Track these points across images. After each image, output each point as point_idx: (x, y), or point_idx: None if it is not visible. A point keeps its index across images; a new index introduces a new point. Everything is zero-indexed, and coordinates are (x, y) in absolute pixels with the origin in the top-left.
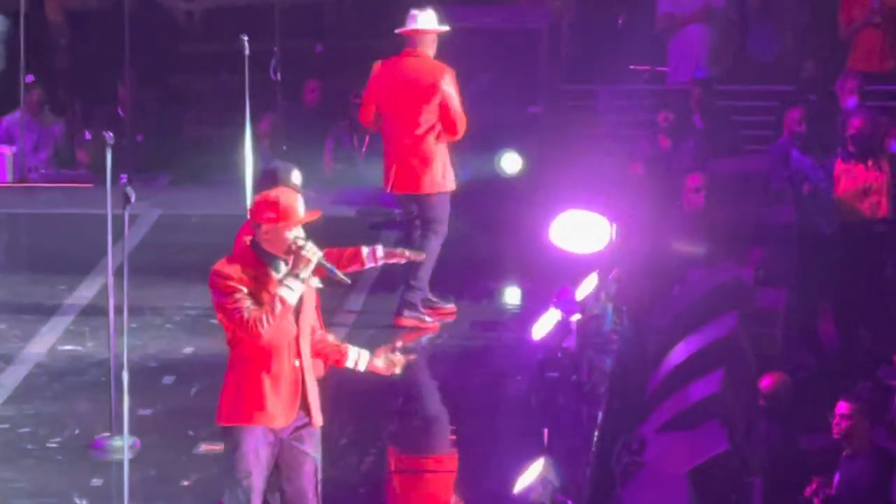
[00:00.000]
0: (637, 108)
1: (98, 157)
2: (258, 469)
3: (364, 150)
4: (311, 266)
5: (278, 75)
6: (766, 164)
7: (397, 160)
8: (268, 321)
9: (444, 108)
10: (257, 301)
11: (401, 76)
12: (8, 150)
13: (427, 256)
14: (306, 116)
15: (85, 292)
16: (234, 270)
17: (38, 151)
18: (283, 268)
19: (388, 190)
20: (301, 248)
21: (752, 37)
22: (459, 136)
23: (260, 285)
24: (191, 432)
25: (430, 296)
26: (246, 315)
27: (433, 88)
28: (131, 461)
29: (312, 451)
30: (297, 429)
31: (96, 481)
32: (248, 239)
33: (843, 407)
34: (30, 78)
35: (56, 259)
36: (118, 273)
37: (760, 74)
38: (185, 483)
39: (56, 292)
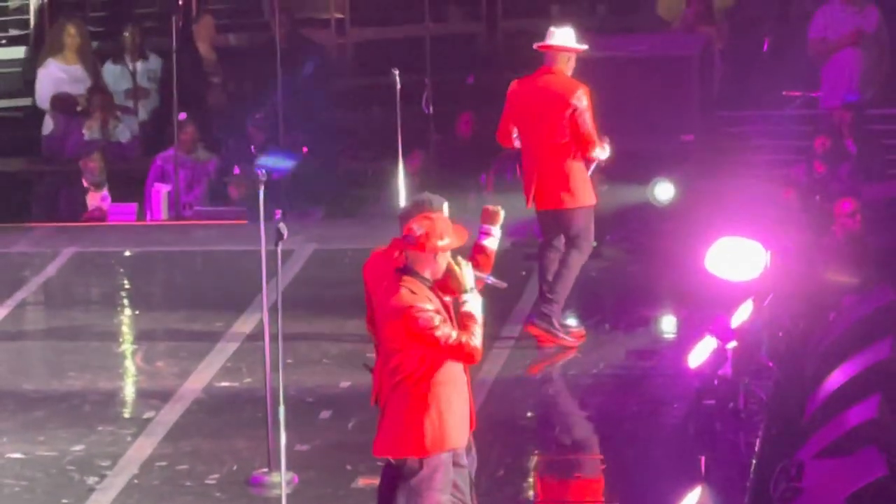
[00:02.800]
0: (790, 134)
1: (249, 193)
2: (448, 495)
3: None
4: (472, 274)
5: (430, 108)
6: None
7: (536, 177)
8: (479, 338)
9: (573, 124)
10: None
11: (535, 93)
12: (163, 188)
13: (568, 272)
14: (459, 149)
15: (241, 328)
16: (422, 300)
17: (192, 188)
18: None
19: (529, 206)
20: (457, 264)
21: None
22: (591, 152)
23: (438, 309)
24: (349, 467)
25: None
26: (460, 338)
27: (565, 104)
28: (289, 497)
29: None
30: None
31: None
32: (397, 270)
33: None
34: (182, 115)
35: (212, 296)
36: (273, 309)
37: None
38: None
39: (212, 329)
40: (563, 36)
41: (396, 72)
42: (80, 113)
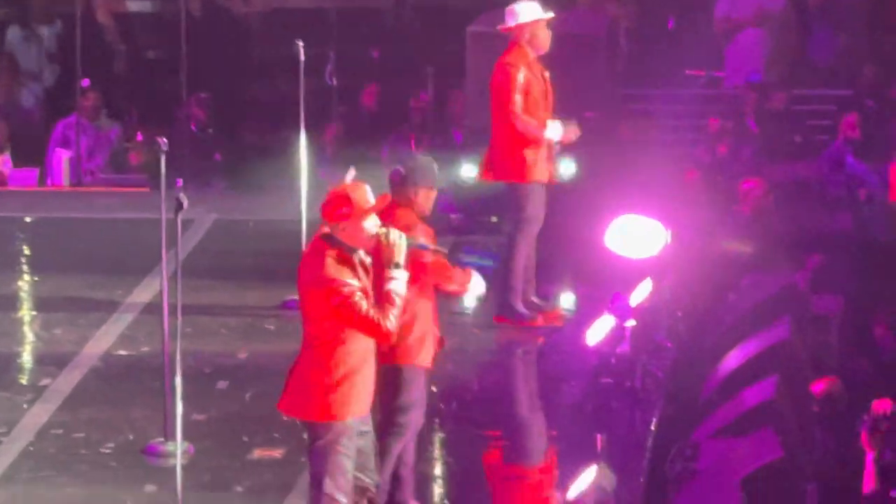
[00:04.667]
0: (693, 114)
1: (149, 161)
2: (351, 461)
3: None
4: (404, 249)
5: (334, 81)
6: (822, 169)
7: (487, 150)
8: (396, 319)
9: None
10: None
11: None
12: (64, 154)
13: (510, 255)
14: (363, 122)
15: (139, 297)
16: (338, 270)
17: (93, 156)
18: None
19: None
20: (386, 235)
21: (810, 41)
22: (518, 128)
23: (361, 282)
24: (245, 438)
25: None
26: (375, 318)
27: (493, 81)
28: (185, 467)
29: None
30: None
31: (150, 487)
32: (323, 237)
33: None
34: (85, 82)
35: (111, 263)
36: (172, 278)
37: (818, 79)
38: (239, 489)
39: (111, 297)
40: (524, 12)
41: (301, 44)
42: None
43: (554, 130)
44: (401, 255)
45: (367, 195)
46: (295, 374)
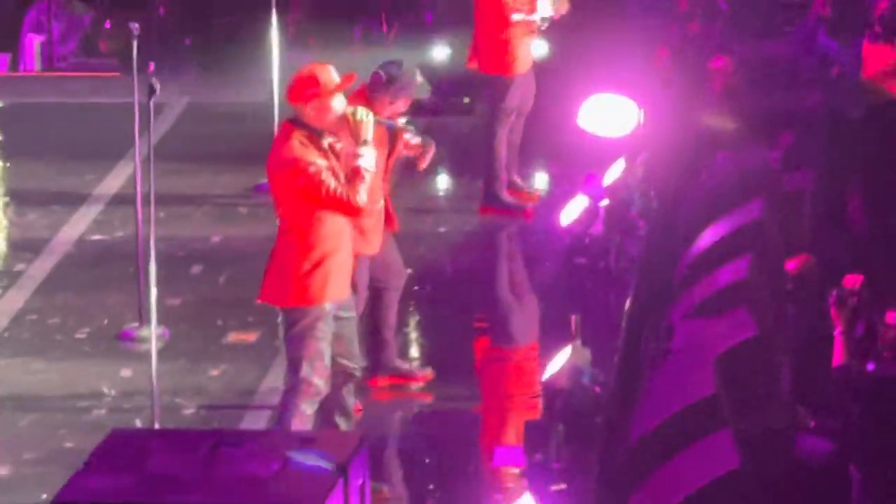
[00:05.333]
0: None
1: (119, 48)
2: (328, 345)
3: (393, 35)
4: (371, 126)
5: None
6: (794, 47)
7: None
8: (366, 194)
9: None
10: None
11: None
12: (36, 39)
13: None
14: (334, 2)
15: (112, 182)
16: (306, 149)
17: (66, 40)
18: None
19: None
20: (353, 113)
21: None
22: (513, 22)
23: (329, 161)
24: (219, 322)
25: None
26: (344, 194)
27: None
28: (160, 351)
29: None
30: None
31: (125, 372)
32: (290, 121)
33: (893, 317)
34: None
35: (84, 149)
36: (145, 162)
37: None
38: (215, 372)
39: (84, 182)
40: None
41: None
42: None
43: (545, 7)
44: (368, 132)
45: (333, 75)
46: (271, 263)
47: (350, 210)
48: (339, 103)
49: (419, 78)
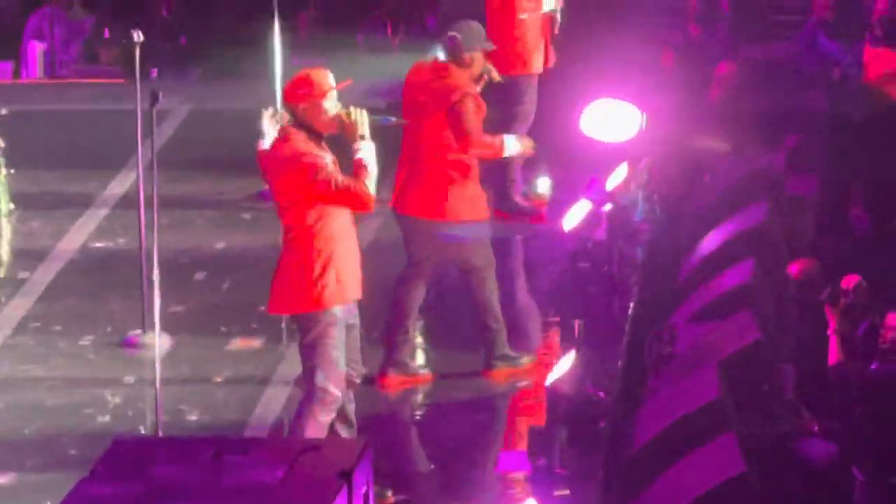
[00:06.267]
0: None
1: (120, 57)
2: (342, 352)
3: (397, 41)
4: (367, 122)
5: None
6: (796, 49)
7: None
8: (371, 187)
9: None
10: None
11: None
12: (39, 46)
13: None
14: (338, 8)
15: (116, 189)
16: (309, 146)
17: (68, 47)
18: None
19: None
20: (347, 113)
21: None
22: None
23: (331, 157)
24: (223, 328)
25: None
26: (353, 185)
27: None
28: (163, 358)
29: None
30: None
31: (128, 378)
32: (289, 124)
33: (894, 319)
34: None
35: (87, 156)
36: (148, 169)
37: None
38: (218, 379)
39: (87, 189)
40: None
41: None
42: None
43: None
44: (364, 128)
45: (327, 77)
46: (278, 272)
47: (359, 201)
48: (331, 104)
49: (483, 30)
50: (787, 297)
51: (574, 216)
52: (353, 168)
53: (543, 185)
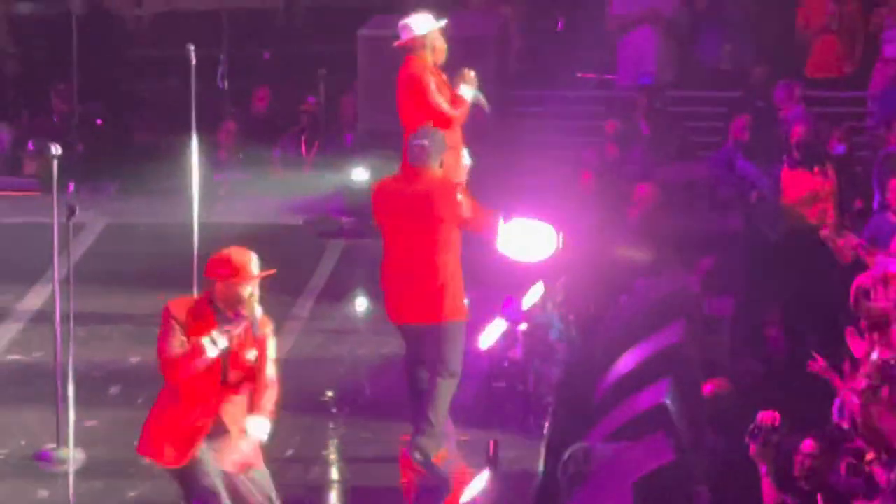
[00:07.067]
0: (585, 115)
1: (44, 168)
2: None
3: (313, 157)
4: (240, 328)
5: (225, 83)
6: (713, 171)
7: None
8: (179, 365)
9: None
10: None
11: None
12: None
13: None
14: (255, 124)
15: (32, 302)
16: (181, 311)
17: None
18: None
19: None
20: (244, 307)
21: (699, 42)
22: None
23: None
24: (137, 443)
25: None
26: (168, 352)
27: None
28: (77, 473)
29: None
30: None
31: (42, 493)
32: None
33: (808, 445)
34: None
35: (2, 268)
36: (64, 283)
37: (708, 80)
38: (132, 494)
39: (2, 301)
40: (418, 24)
41: (192, 47)
42: None
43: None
44: (238, 329)
45: (252, 263)
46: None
47: (162, 365)
48: (247, 291)
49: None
50: (702, 418)
51: (490, 335)
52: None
53: None
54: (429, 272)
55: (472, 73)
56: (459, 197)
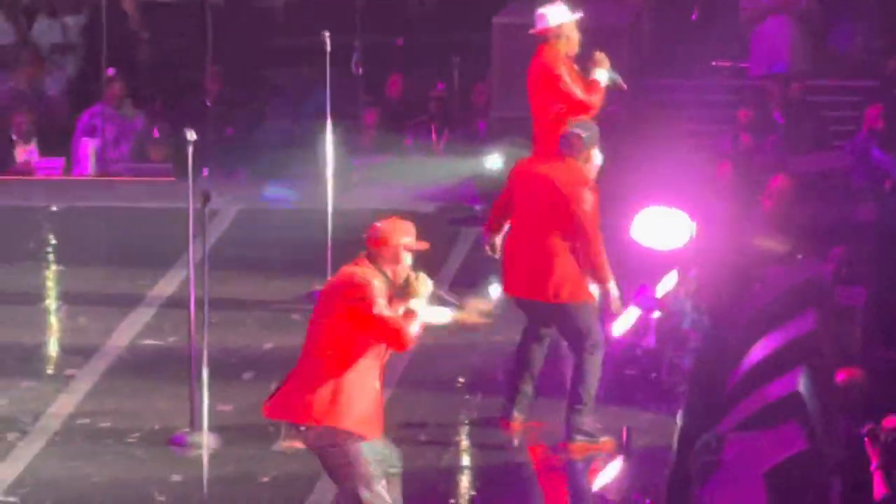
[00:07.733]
0: (718, 105)
1: (171, 154)
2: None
3: (443, 144)
4: (429, 288)
5: (360, 70)
6: (847, 160)
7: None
8: (414, 330)
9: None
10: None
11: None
12: (90, 143)
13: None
14: (388, 111)
15: (166, 287)
16: (375, 277)
17: (119, 144)
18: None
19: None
20: (417, 276)
21: (832, 31)
22: (595, 105)
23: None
24: (270, 428)
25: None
26: (395, 321)
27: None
28: (211, 457)
29: None
30: None
31: (176, 477)
32: (363, 254)
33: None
34: (111, 71)
35: (137, 253)
36: (199, 268)
37: (842, 69)
38: (265, 479)
39: (137, 286)
40: (554, 14)
41: (327, 34)
42: (8, 66)
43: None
44: (426, 291)
45: (412, 231)
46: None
47: (398, 337)
48: (407, 260)
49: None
50: (835, 408)
51: (623, 323)
52: (404, 313)
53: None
54: (548, 253)
55: (602, 55)
56: (588, 195)
